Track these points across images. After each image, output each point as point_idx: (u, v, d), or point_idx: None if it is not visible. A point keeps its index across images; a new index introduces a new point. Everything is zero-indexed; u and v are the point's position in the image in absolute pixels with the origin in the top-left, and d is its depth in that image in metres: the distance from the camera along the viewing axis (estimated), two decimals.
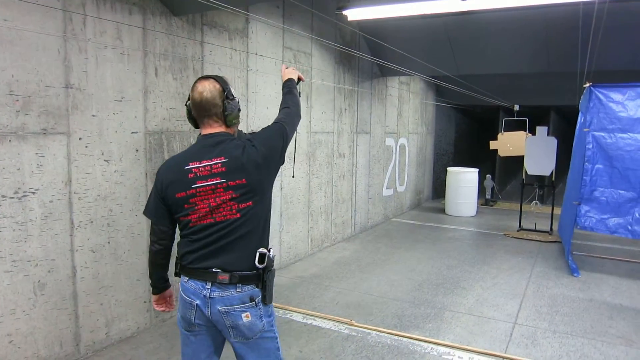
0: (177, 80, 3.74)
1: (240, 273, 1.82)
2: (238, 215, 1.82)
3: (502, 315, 4.13)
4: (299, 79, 2.40)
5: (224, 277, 1.81)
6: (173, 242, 2.00)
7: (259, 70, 4.68)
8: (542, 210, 8.19)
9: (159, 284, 2.10)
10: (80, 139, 3.03)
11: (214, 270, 1.82)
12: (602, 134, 5.31)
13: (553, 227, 7.31)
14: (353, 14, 5.11)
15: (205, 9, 3.86)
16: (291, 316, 3.97)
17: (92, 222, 3.14)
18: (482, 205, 9.80)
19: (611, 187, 5.29)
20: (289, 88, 2.31)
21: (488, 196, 10.03)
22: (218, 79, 1.96)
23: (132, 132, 3.39)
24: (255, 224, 1.86)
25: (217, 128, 1.93)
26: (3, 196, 2.66)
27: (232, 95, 1.96)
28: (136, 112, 3.41)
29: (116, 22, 3.21)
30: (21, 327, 2.79)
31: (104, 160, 3.21)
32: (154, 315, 3.68)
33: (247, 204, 1.83)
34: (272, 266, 1.91)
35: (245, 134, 2.11)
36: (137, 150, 3.43)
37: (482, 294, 4.65)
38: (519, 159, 7.79)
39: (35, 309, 2.85)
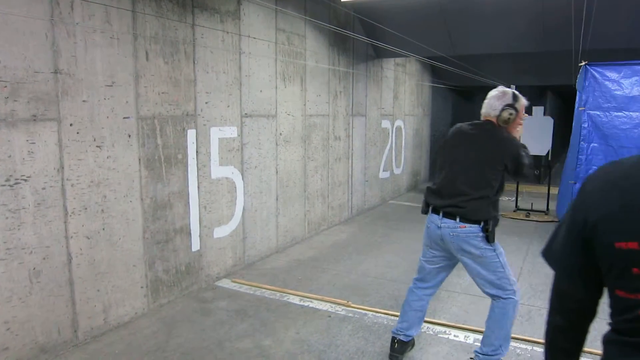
0: (169, 64, 3.70)
1: None
2: None
3: None
4: None
5: None
6: (591, 319, 1.15)
7: (252, 53, 4.63)
8: (539, 190, 8.21)
9: None
10: (71, 125, 3.00)
11: None
12: (598, 112, 5.30)
13: (550, 206, 7.33)
14: None
15: None
16: (288, 299, 4.00)
17: (86, 208, 3.12)
18: None
19: None
20: None
21: None
22: None
23: (124, 118, 3.36)
24: None
25: None
26: None
27: None
28: (127, 97, 3.37)
29: (105, 5, 3.15)
30: (18, 315, 2.80)
31: (96, 146, 3.18)
32: (151, 301, 3.69)
33: None
34: None
35: None
36: (129, 136, 3.40)
37: None
38: None
39: (31, 296, 2.86)
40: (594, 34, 5.15)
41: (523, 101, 2.89)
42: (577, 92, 5.93)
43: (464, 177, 2.75)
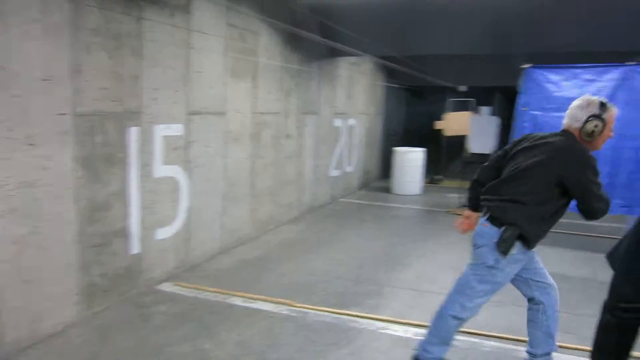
0: (112, 59, 3.54)
1: None
2: None
3: (438, 288, 4.20)
4: None
5: None
6: None
7: (202, 49, 4.51)
8: None
9: None
10: (0, 121, 2.83)
11: None
12: (539, 112, 5.61)
13: None
14: None
15: None
16: (232, 300, 3.96)
17: (13, 211, 2.95)
18: (428, 183, 10.07)
19: None
20: None
21: None
22: None
23: (60, 114, 3.19)
24: None
25: None
26: None
27: None
28: (65, 93, 3.20)
29: None
30: None
31: (28, 144, 3.01)
32: (86, 307, 3.54)
33: None
34: None
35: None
36: (65, 134, 3.24)
37: (422, 270, 4.82)
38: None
39: None
40: (538, 38, 5.40)
41: (613, 111, 2.48)
42: (520, 93, 6.21)
43: (510, 180, 2.57)
